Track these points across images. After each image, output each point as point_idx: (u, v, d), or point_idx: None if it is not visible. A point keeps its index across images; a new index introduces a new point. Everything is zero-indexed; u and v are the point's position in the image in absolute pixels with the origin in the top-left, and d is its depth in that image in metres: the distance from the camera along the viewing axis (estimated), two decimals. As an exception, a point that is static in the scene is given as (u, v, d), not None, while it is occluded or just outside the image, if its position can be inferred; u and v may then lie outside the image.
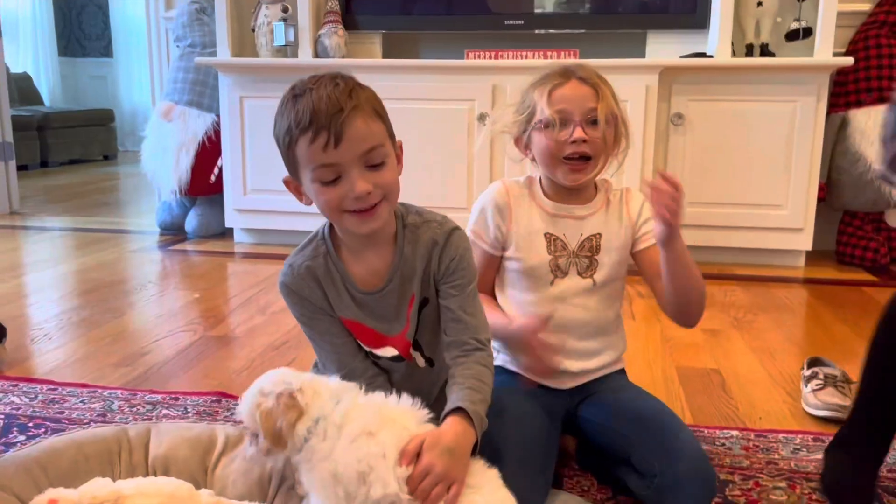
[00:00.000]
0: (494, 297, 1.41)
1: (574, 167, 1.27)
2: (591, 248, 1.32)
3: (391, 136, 1.09)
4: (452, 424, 1.00)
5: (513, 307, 1.36)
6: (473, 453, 1.02)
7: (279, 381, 1.01)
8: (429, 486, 0.95)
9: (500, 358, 1.38)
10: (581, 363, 1.33)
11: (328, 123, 0.99)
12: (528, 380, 1.34)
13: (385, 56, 3.32)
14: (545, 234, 1.33)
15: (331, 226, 1.15)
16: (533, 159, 1.33)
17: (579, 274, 1.32)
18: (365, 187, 1.02)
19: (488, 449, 1.08)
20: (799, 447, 1.46)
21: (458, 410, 1.02)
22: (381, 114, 1.06)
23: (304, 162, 1.03)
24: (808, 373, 1.70)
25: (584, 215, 1.33)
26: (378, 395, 1.03)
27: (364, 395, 1.04)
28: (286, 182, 1.12)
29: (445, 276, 1.13)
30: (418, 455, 0.96)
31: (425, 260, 1.14)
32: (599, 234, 1.33)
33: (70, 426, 1.50)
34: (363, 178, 1.02)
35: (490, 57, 3.07)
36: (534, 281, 1.33)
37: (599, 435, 1.31)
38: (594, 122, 1.25)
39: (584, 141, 1.24)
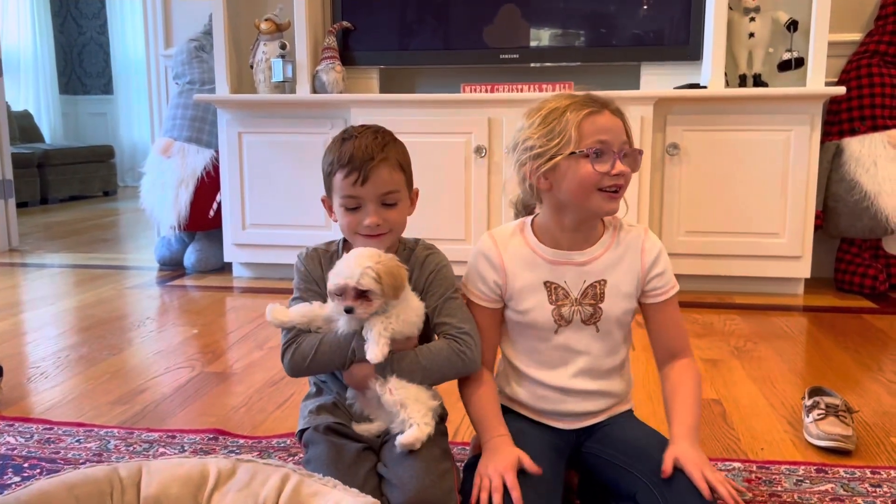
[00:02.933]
0: (492, 357, 1.35)
1: (612, 196, 1.22)
2: (594, 296, 1.27)
3: (409, 184, 1.35)
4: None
5: (521, 357, 1.33)
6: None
7: (375, 251, 1.24)
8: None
9: (503, 396, 1.36)
10: (585, 404, 1.31)
11: (360, 167, 1.27)
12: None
13: (382, 91, 3.35)
14: (545, 283, 1.28)
15: (344, 241, 1.39)
16: (545, 190, 1.24)
17: (583, 322, 1.28)
18: (375, 220, 1.29)
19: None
20: (802, 479, 1.44)
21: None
22: (403, 166, 1.32)
23: (337, 190, 1.31)
24: (809, 402, 1.68)
25: (586, 260, 1.27)
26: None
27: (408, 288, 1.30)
28: (323, 200, 1.38)
29: (426, 287, 1.34)
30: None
31: (419, 266, 1.36)
32: (604, 281, 1.27)
33: (65, 466, 1.48)
34: (377, 212, 1.29)
35: (486, 90, 3.10)
36: (538, 331, 1.30)
37: (604, 470, 1.28)
38: (625, 156, 1.22)
39: (625, 175, 1.22)
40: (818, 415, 1.62)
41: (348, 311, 1.23)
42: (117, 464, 1.14)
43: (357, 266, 1.21)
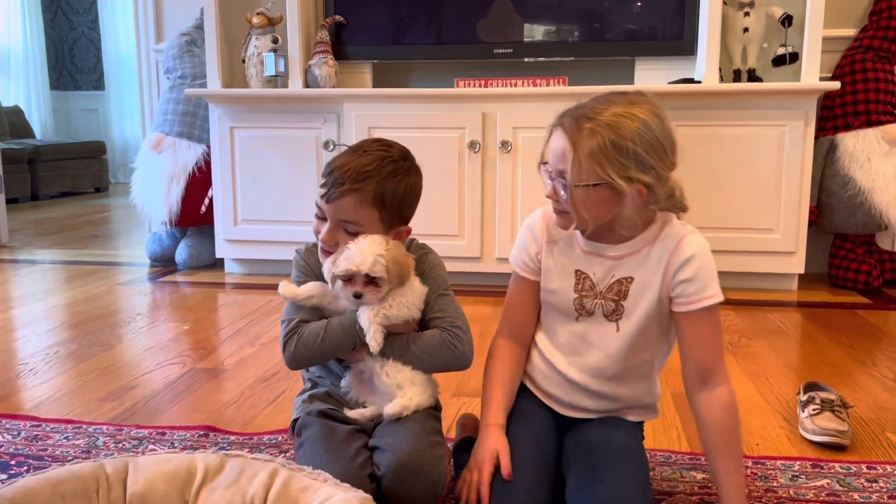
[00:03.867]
0: (526, 335, 1.34)
1: (555, 211, 1.21)
2: (618, 292, 1.22)
3: (391, 221, 1.30)
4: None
5: (542, 334, 1.32)
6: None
7: (383, 239, 1.25)
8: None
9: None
10: (585, 401, 1.29)
11: (331, 184, 1.27)
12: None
13: (375, 85, 3.33)
14: (576, 271, 1.25)
15: None
16: None
17: (605, 316, 1.24)
18: (325, 238, 1.29)
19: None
20: (798, 474, 1.44)
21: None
22: (384, 204, 1.27)
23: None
24: (804, 398, 1.68)
25: (618, 255, 1.22)
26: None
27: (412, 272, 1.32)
28: None
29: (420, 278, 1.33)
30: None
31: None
32: (631, 279, 1.21)
33: (53, 464, 1.46)
34: (332, 232, 1.28)
35: (480, 85, 3.08)
36: (560, 315, 1.28)
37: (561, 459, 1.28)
38: (564, 184, 1.14)
39: (555, 200, 1.18)
40: (813, 410, 1.61)
41: (357, 296, 1.25)
42: (104, 460, 1.12)
43: (369, 253, 1.22)
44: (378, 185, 1.25)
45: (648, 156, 1.12)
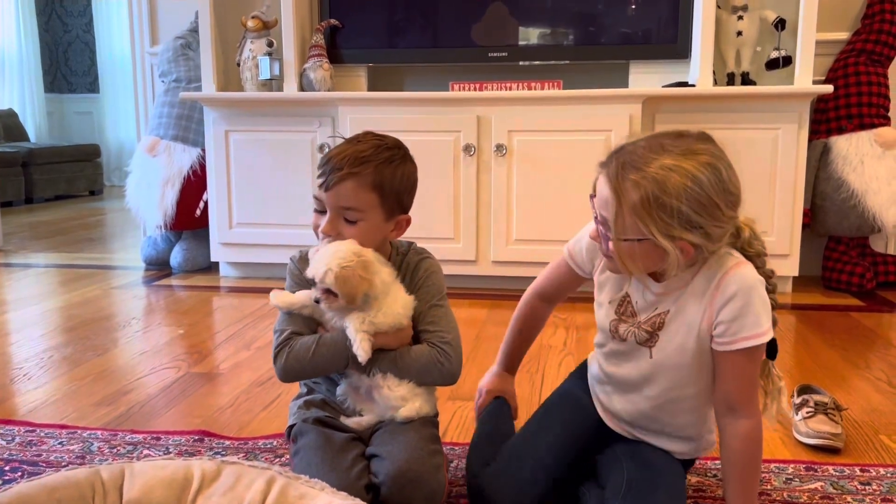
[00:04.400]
0: (557, 301, 1.47)
1: (603, 254, 1.18)
2: (654, 324, 1.19)
3: (391, 208, 1.29)
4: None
5: (596, 339, 1.34)
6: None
7: (351, 252, 1.23)
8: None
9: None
10: (631, 416, 1.28)
11: (329, 171, 1.25)
12: None
13: (371, 89, 3.34)
14: (625, 294, 1.22)
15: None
16: None
17: (638, 343, 1.21)
18: (326, 229, 1.27)
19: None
20: (791, 477, 1.44)
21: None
22: (382, 189, 1.26)
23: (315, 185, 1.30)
24: (798, 400, 1.68)
25: (665, 293, 1.18)
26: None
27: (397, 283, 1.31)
28: None
29: (415, 292, 1.33)
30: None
31: (410, 274, 1.36)
32: (668, 311, 1.17)
33: (47, 469, 1.46)
34: (333, 222, 1.27)
35: (475, 88, 3.09)
36: (601, 330, 1.30)
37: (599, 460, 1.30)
38: (607, 233, 1.10)
39: (596, 241, 1.16)
40: (807, 413, 1.62)
41: (316, 301, 1.25)
42: (99, 466, 1.12)
43: (322, 263, 1.22)
44: (376, 169, 1.25)
45: (696, 214, 1.05)
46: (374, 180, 1.25)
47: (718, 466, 1.45)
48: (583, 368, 1.42)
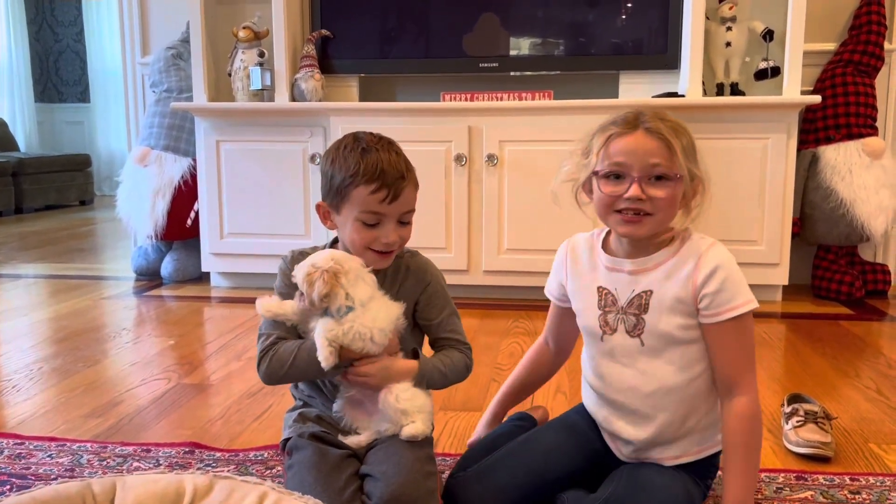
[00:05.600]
0: (564, 351, 1.49)
1: (628, 219, 1.18)
2: (639, 306, 1.22)
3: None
4: (404, 363, 1.31)
5: (585, 361, 1.36)
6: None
7: (329, 258, 1.23)
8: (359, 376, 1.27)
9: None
10: (634, 430, 1.27)
11: (392, 184, 1.24)
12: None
13: (362, 99, 3.34)
14: (598, 288, 1.27)
15: (332, 244, 1.38)
16: (588, 203, 1.28)
17: (627, 332, 1.24)
18: (395, 238, 1.27)
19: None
20: (782, 486, 1.45)
21: (415, 358, 1.32)
22: (418, 185, 1.31)
23: (357, 203, 1.25)
24: (788, 409, 1.69)
25: (639, 270, 1.23)
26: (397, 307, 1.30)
27: (386, 298, 1.29)
28: (318, 206, 1.33)
29: (422, 297, 1.36)
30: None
31: (402, 283, 1.35)
32: (650, 292, 1.21)
33: (36, 482, 1.45)
34: (395, 230, 1.27)
35: (466, 99, 3.10)
36: (589, 335, 1.31)
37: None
38: (659, 178, 1.17)
39: (640, 199, 1.16)
40: (797, 422, 1.63)
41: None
42: (91, 479, 1.11)
43: (303, 265, 1.24)
44: (413, 170, 1.30)
45: (697, 155, 1.22)
46: (415, 180, 1.30)
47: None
48: (581, 406, 1.41)
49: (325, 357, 1.21)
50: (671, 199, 1.18)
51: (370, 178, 1.23)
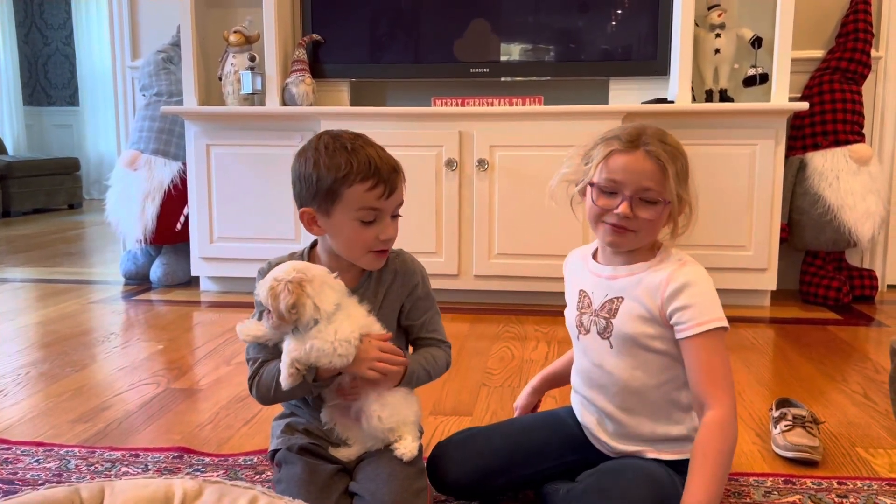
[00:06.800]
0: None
1: (614, 230, 1.24)
2: (609, 310, 1.28)
3: None
4: None
5: (574, 360, 1.41)
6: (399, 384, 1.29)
7: (290, 269, 1.20)
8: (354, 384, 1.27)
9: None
10: (604, 427, 1.33)
11: (388, 178, 1.22)
12: None
13: (353, 103, 3.34)
14: (580, 290, 1.35)
15: (311, 249, 1.35)
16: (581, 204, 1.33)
17: (598, 334, 1.30)
18: (395, 233, 1.26)
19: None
20: (770, 490, 1.45)
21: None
22: (405, 178, 1.30)
23: (353, 202, 1.22)
24: (776, 414, 1.70)
25: (615, 276, 1.29)
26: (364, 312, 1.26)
27: (357, 305, 1.26)
28: (303, 213, 1.27)
29: (409, 301, 1.35)
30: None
31: (389, 287, 1.33)
32: (621, 298, 1.27)
33: (24, 488, 1.44)
34: (391, 225, 1.26)
35: (457, 104, 3.11)
36: (572, 334, 1.37)
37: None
38: (648, 200, 1.22)
39: (627, 217, 1.21)
40: (785, 426, 1.64)
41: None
42: (79, 484, 1.11)
43: (266, 281, 1.22)
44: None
45: (688, 179, 1.27)
46: (403, 171, 1.29)
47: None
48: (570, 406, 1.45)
49: (284, 378, 1.19)
50: (656, 221, 1.24)
51: (365, 176, 1.20)
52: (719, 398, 1.19)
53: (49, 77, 8.06)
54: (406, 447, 1.26)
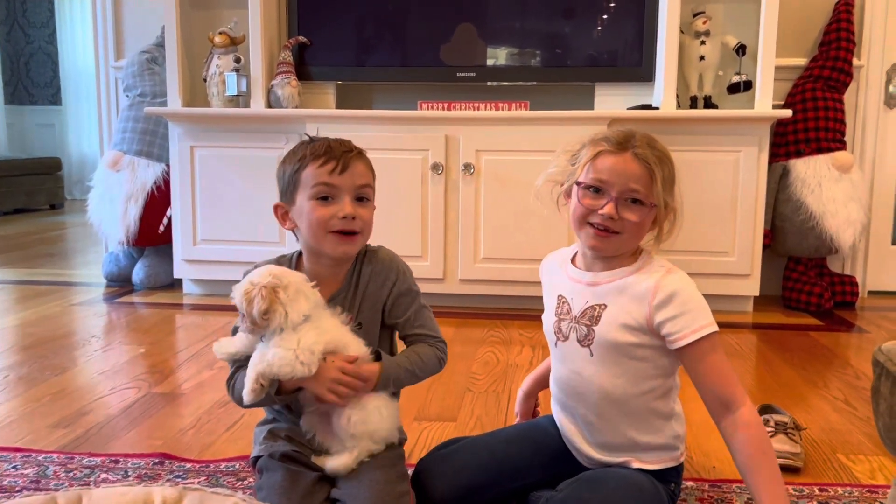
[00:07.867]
0: None
1: (597, 233, 1.22)
2: (591, 318, 1.26)
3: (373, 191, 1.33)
4: (366, 368, 1.26)
5: (552, 366, 1.39)
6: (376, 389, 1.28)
7: (266, 274, 1.20)
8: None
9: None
10: (583, 437, 1.32)
11: (339, 156, 1.24)
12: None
13: (339, 106, 3.34)
14: (558, 296, 1.32)
15: (298, 255, 1.35)
16: (565, 205, 1.32)
17: (578, 341, 1.28)
18: (350, 210, 1.24)
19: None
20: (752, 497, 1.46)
21: (379, 360, 1.28)
22: (373, 172, 1.31)
23: (308, 181, 1.25)
24: (759, 420, 1.71)
25: (596, 282, 1.27)
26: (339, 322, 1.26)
27: (330, 316, 1.25)
28: (275, 207, 1.32)
29: (389, 300, 1.33)
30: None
31: (366, 290, 1.33)
32: (604, 305, 1.25)
33: (0, 495, 1.42)
34: (351, 204, 1.25)
35: (443, 108, 3.11)
36: (548, 341, 1.35)
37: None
38: (634, 202, 1.21)
39: (612, 218, 1.20)
40: (768, 433, 1.64)
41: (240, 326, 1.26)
42: (56, 492, 1.09)
43: (241, 285, 1.21)
44: (366, 156, 1.31)
45: (674, 186, 1.26)
46: (369, 163, 1.31)
47: (682, 486, 1.47)
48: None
49: (246, 393, 1.19)
50: (641, 224, 1.23)
51: (317, 155, 1.25)
52: (740, 396, 1.20)
53: (31, 76, 7.98)
54: (338, 461, 1.24)
